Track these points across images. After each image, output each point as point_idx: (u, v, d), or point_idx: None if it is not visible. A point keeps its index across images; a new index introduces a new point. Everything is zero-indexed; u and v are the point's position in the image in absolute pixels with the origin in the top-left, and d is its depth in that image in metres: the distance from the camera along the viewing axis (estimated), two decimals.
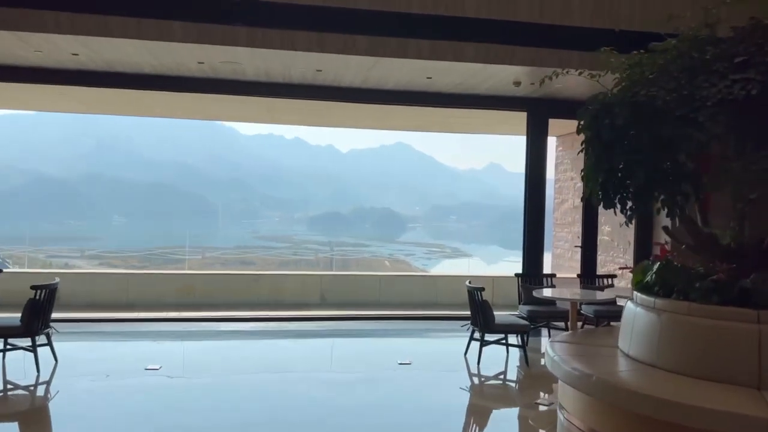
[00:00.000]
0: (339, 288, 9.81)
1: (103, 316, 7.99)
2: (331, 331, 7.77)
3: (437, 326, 8.24)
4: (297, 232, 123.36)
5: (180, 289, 9.23)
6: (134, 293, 9.05)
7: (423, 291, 10.03)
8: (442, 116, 9.98)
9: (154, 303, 8.98)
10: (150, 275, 9.47)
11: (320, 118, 10.43)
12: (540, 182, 8.77)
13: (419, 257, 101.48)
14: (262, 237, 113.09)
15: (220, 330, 7.60)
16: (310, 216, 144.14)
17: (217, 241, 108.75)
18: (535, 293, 6.53)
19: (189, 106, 9.73)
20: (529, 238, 8.74)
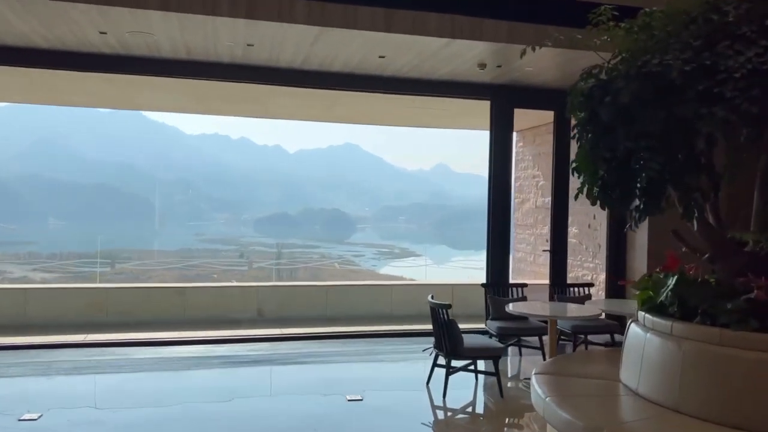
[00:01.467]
0: (279, 301, 8.60)
1: None
2: (268, 356, 6.56)
3: (394, 345, 7.16)
4: (244, 233, 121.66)
5: (89, 306, 7.82)
6: (34, 311, 7.59)
7: (376, 302, 8.94)
8: (395, 106, 8.93)
9: (57, 323, 7.55)
10: (54, 290, 8.01)
11: (256, 106, 9.20)
12: (505, 179, 7.83)
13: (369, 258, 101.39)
14: (207, 239, 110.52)
15: (131, 358, 6.27)
16: (257, 217, 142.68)
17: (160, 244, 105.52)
18: (512, 307, 5.54)
19: (109, 94, 8.32)
20: (494, 243, 7.79)
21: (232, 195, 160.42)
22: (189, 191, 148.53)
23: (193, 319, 8.13)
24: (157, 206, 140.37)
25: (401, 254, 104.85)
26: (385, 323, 8.41)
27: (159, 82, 7.48)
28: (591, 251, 9.01)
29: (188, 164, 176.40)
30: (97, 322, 7.74)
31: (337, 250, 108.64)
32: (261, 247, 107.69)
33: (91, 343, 6.70)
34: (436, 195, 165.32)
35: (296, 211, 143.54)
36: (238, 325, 7.95)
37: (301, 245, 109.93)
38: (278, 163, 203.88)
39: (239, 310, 8.36)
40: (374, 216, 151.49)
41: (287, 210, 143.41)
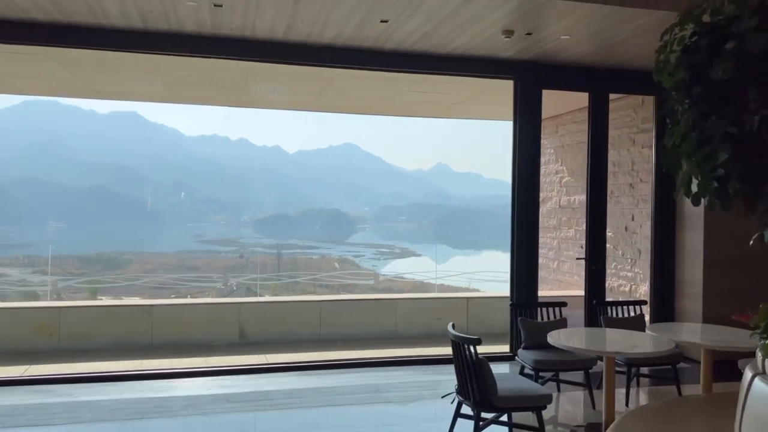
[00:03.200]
0: (264, 319, 7.32)
1: None
2: (245, 395, 5.25)
3: (401, 376, 5.87)
4: (244, 235, 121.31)
5: (36, 329, 6.53)
6: None
7: (378, 319, 7.66)
8: (396, 92, 7.65)
9: None
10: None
11: (234, 93, 7.91)
12: (532, 175, 6.55)
13: (369, 258, 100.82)
14: (207, 241, 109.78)
15: (72, 403, 4.98)
16: (257, 218, 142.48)
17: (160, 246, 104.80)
18: (561, 339, 4.23)
19: (59, 76, 7.01)
20: (519, 252, 6.50)
21: (232, 196, 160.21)
22: (182, 194, 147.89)
23: (162, 343, 6.85)
24: (156, 208, 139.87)
25: (402, 254, 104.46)
26: (389, 344, 7.14)
27: (115, 62, 6.21)
28: (629, 258, 7.72)
29: (187, 166, 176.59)
30: (46, 349, 6.46)
31: (337, 250, 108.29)
32: (261, 248, 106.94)
33: (30, 380, 5.41)
34: (436, 194, 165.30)
35: (296, 212, 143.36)
36: (213, 351, 6.67)
37: (300, 246, 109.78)
38: (277, 163, 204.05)
39: (217, 332, 7.08)
40: (374, 216, 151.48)
41: (287, 211, 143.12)
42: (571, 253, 9.02)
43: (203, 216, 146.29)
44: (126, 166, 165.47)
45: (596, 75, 6.65)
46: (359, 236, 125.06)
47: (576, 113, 8.89)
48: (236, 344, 7.06)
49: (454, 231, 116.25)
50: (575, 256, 8.95)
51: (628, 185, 7.76)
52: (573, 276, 8.98)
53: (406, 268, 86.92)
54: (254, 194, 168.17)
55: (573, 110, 8.96)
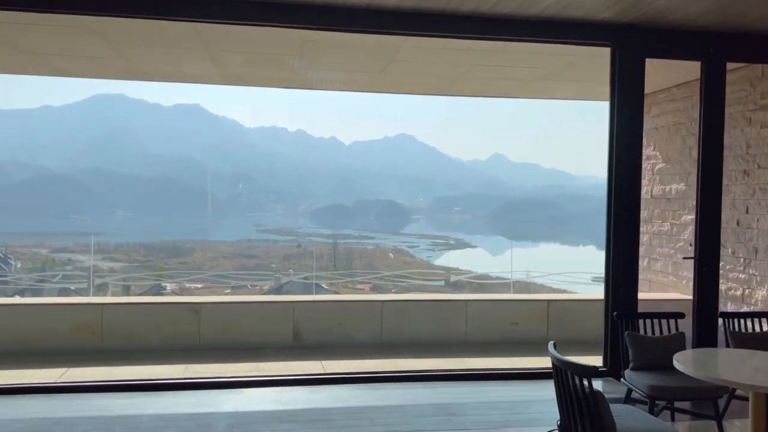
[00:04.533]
0: (321, 319, 6.64)
1: None
2: (298, 414, 4.57)
3: (478, 395, 5.05)
4: (301, 224, 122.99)
5: (78, 327, 6.07)
6: (4, 335, 5.90)
7: (446, 322, 6.85)
8: (469, 65, 6.76)
9: (34, 351, 5.85)
10: (30, 307, 6.30)
11: (285, 72, 7.23)
12: (634, 161, 5.56)
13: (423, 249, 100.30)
14: (266, 230, 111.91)
15: (106, 418, 4.42)
16: (313, 208, 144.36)
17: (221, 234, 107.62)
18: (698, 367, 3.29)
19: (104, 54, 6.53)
20: (617, 249, 5.53)
21: (289, 186, 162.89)
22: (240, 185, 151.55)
23: (210, 344, 6.28)
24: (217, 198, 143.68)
25: (456, 245, 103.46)
26: (459, 352, 6.33)
27: (160, 37, 5.63)
28: (742, 257, 6.60)
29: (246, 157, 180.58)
30: (87, 349, 5.99)
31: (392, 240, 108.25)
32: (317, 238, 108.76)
33: (65, 386, 4.90)
34: (492, 185, 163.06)
35: (351, 202, 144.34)
36: (264, 355, 6.04)
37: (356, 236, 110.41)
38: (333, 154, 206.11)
39: (269, 333, 6.45)
40: (428, 207, 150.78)
41: (342, 201, 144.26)
42: (666, 250, 7.93)
43: (262, 206, 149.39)
44: (189, 157, 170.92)
45: (711, 40, 5.58)
46: (413, 227, 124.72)
47: (673, 90, 7.77)
48: (290, 347, 6.41)
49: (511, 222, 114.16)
50: (670, 254, 7.86)
51: (741, 172, 6.63)
52: (668, 276, 7.90)
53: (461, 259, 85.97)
54: (311, 185, 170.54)
55: (669, 86, 7.84)
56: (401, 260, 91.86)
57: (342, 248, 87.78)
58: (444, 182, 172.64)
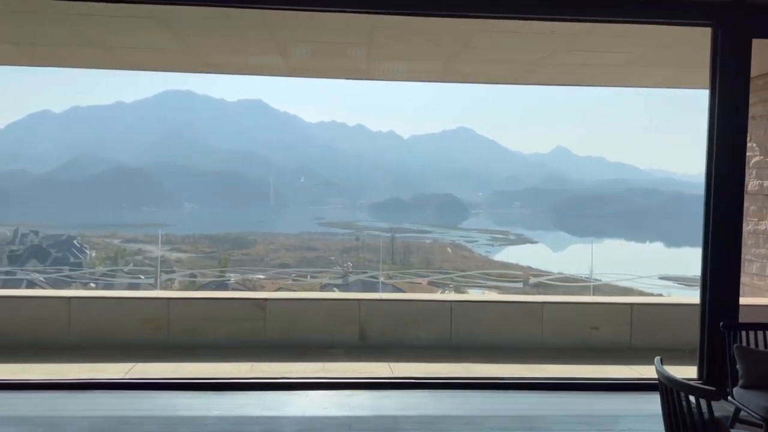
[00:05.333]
0: (388, 319, 6.38)
1: None
2: (374, 422, 4.31)
3: (559, 406, 4.66)
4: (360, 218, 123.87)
5: (146, 322, 6.05)
6: (80, 327, 5.95)
7: (520, 324, 6.46)
8: (550, 50, 6.30)
9: (104, 344, 5.86)
10: (103, 299, 6.34)
11: (354, 61, 6.97)
12: (737, 148, 5.00)
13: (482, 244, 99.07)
14: (326, 223, 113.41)
15: (174, 416, 4.30)
16: (372, 202, 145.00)
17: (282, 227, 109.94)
18: None
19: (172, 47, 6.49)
20: (716, 250, 4.99)
21: (349, 180, 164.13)
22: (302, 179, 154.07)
23: (275, 342, 6.13)
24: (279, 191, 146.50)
25: (516, 240, 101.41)
26: (534, 357, 5.93)
27: (226, 27, 5.49)
28: None
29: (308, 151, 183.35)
30: (154, 344, 5.96)
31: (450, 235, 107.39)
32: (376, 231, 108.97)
33: (132, 383, 4.84)
34: (554, 179, 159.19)
35: (409, 197, 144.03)
36: (330, 355, 5.83)
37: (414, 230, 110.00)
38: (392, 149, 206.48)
39: (335, 331, 6.25)
40: (487, 201, 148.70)
41: (400, 195, 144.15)
42: (763, 251, 7.23)
43: (322, 199, 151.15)
44: (252, 151, 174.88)
45: None
46: (472, 221, 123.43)
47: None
48: (356, 347, 6.19)
49: (573, 217, 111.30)
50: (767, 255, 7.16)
51: None
52: (764, 279, 7.21)
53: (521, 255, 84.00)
54: (370, 179, 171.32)
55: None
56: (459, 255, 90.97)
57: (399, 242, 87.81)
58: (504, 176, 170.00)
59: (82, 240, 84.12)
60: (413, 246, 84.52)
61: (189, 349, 5.91)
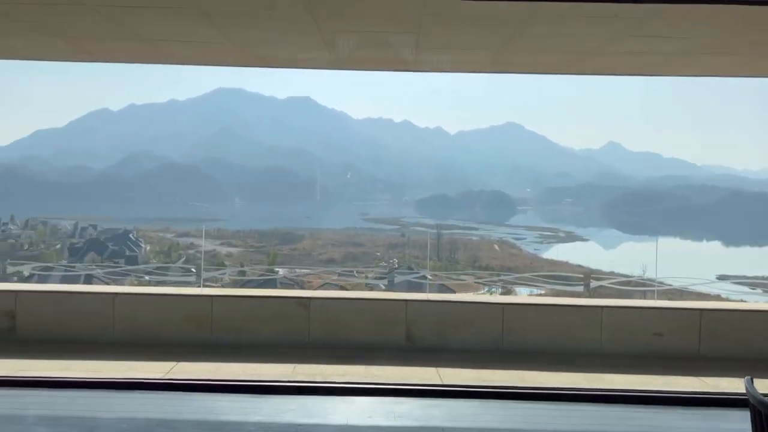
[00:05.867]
0: (436, 321, 6.09)
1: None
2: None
3: (625, 419, 4.29)
4: (405, 214, 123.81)
5: (189, 320, 5.96)
6: (124, 323, 5.91)
7: (576, 329, 6.07)
8: (611, 35, 5.86)
9: (147, 341, 5.80)
10: (147, 296, 6.28)
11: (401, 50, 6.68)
12: None
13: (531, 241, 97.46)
14: (371, 219, 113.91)
15: (214, 420, 4.15)
16: (418, 198, 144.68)
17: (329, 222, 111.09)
18: None
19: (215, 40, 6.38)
20: None
21: (395, 176, 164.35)
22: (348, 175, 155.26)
23: (319, 342, 5.94)
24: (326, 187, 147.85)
25: (566, 238, 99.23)
26: (593, 366, 5.54)
27: (269, 17, 5.31)
28: None
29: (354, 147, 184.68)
30: (196, 342, 5.86)
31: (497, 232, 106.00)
32: (421, 228, 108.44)
33: (172, 383, 4.73)
34: (606, 175, 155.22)
35: (455, 193, 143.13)
36: (375, 357, 5.60)
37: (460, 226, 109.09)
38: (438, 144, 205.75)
39: (381, 333, 6.01)
40: (536, 198, 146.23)
41: (446, 191, 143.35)
42: None
43: (368, 195, 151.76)
44: (299, 147, 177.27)
45: None
46: (520, 218, 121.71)
47: None
48: (402, 349, 5.94)
49: (626, 215, 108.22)
50: None
51: None
52: None
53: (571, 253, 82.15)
54: (416, 175, 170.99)
55: None
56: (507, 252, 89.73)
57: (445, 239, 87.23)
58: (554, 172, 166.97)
59: (137, 234, 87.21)
60: (459, 243, 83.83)
61: (231, 348, 5.79)
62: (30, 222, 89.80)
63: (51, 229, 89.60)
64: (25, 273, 50.71)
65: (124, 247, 74.48)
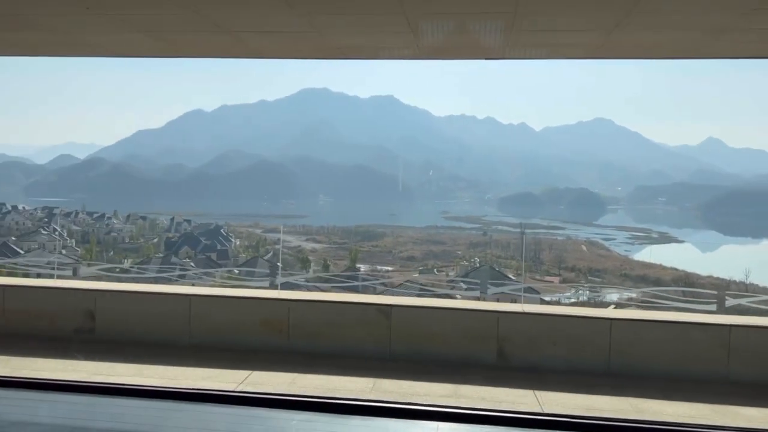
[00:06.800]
0: (531, 335, 5.43)
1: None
2: None
3: None
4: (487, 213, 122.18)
5: (265, 324, 5.65)
6: (200, 325, 5.68)
7: (699, 350, 5.22)
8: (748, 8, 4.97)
9: (223, 345, 5.53)
10: (223, 299, 6.00)
11: (492, 37, 6.04)
12: None
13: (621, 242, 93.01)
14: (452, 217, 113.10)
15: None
16: (500, 197, 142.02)
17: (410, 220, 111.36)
18: None
19: None
20: None
21: (477, 174, 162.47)
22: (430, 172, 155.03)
23: (401, 353, 5.45)
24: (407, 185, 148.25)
25: (659, 239, 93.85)
26: (720, 395, 4.70)
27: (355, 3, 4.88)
28: None
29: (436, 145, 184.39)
30: (273, 348, 5.53)
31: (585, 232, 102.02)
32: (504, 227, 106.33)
33: (243, 397, 4.38)
34: (704, 173, 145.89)
35: (540, 191, 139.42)
36: (463, 375, 5.03)
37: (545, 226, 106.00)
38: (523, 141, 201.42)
39: (469, 347, 5.43)
40: (627, 197, 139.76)
41: (531, 189, 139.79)
42: None
43: (449, 193, 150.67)
44: (381, 146, 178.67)
45: None
46: (610, 218, 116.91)
47: None
48: (494, 367, 5.33)
49: (726, 215, 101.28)
50: None
51: None
52: None
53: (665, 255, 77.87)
54: (498, 172, 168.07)
55: None
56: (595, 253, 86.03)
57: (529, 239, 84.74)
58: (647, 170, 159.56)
59: (228, 229, 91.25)
60: (544, 243, 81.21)
61: (308, 356, 5.42)
62: (131, 217, 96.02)
63: (150, 223, 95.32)
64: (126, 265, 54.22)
65: (216, 241, 77.92)
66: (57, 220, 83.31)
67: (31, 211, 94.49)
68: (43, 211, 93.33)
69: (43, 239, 65.88)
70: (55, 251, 59.87)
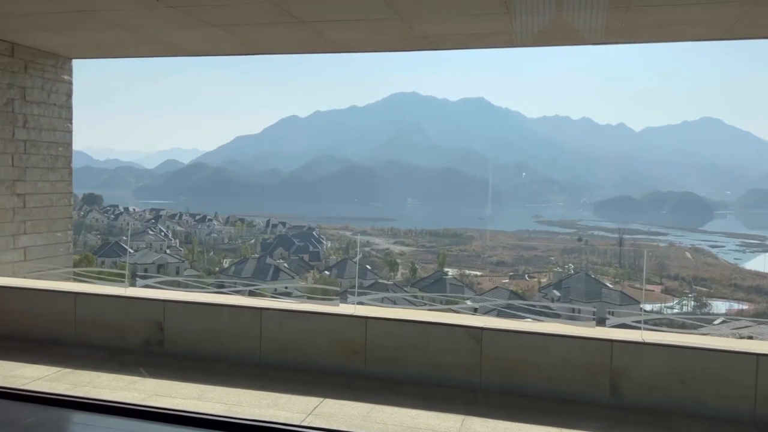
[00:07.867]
0: (653, 371, 4.49)
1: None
2: None
3: None
4: (582, 217, 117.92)
5: (341, 344, 5.06)
6: (271, 342, 5.19)
7: None
8: None
9: (294, 365, 5.01)
10: (296, 313, 5.43)
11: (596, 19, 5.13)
12: None
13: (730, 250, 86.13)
14: (545, 221, 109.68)
15: None
16: (596, 201, 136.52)
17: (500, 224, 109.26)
18: None
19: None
20: None
21: (571, 177, 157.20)
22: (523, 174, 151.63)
23: (493, 386, 4.69)
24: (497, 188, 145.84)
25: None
26: None
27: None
28: None
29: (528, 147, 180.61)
30: (349, 372, 4.94)
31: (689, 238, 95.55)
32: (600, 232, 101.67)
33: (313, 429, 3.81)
34: None
35: (640, 195, 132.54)
36: (570, 418, 4.19)
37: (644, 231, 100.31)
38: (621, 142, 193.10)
39: (574, 380, 4.58)
40: (738, 201, 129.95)
41: (630, 193, 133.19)
42: None
43: (542, 197, 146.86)
44: (471, 148, 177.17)
45: None
46: (717, 223, 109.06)
47: None
48: (605, 406, 4.44)
49: None
50: None
51: None
52: None
53: None
54: (595, 175, 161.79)
55: None
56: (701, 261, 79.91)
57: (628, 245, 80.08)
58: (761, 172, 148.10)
59: (320, 231, 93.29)
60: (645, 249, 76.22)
61: (385, 383, 4.78)
62: (230, 219, 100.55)
63: (247, 225, 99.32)
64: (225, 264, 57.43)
65: (308, 243, 79.80)
66: (163, 221, 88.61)
67: (140, 212, 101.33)
68: (151, 213, 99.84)
69: (150, 239, 70.30)
70: (161, 250, 63.54)
